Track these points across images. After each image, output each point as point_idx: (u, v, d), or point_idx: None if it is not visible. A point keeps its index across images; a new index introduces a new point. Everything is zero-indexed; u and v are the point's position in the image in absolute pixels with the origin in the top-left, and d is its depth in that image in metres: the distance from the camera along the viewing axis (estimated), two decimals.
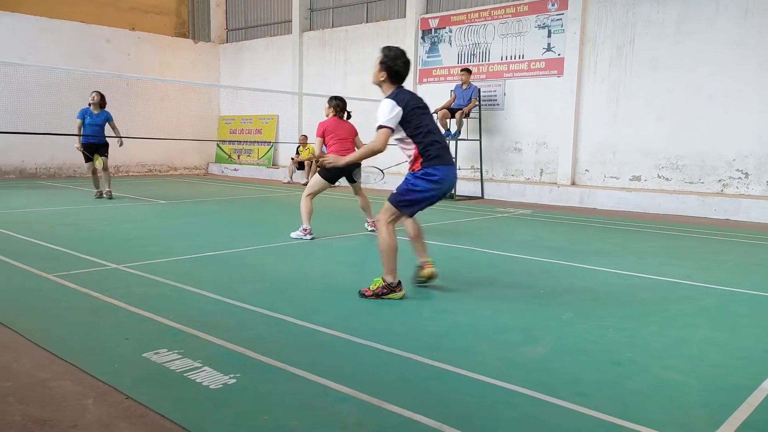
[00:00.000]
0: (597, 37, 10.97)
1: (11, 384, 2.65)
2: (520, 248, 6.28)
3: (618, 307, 4.22)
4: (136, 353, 3.01)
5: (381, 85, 4.35)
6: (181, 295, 4.17)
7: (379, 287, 4.25)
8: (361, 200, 7.26)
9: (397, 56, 4.25)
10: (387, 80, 4.30)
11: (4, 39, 13.56)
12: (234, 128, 17.82)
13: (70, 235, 6.42)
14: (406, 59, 4.29)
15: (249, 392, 2.61)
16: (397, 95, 4.22)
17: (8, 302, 3.92)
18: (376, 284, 4.28)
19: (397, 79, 4.29)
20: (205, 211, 9.11)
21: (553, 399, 2.59)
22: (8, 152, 13.96)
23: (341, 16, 15.36)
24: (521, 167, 12.11)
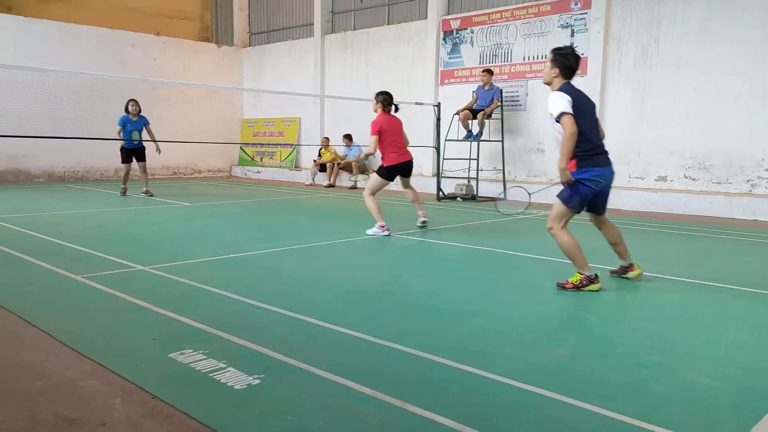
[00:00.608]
0: (621, 36, 10.83)
1: (42, 383, 2.72)
2: (544, 250, 6.23)
3: (644, 308, 4.17)
4: (163, 353, 3.06)
5: (552, 82, 4.64)
6: (205, 296, 4.22)
7: (579, 280, 4.51)
8: (411, 194, 7.45)
9: (568, 52, 4.62)
10: (559, 76, 4.60)
11: (33, 45, 13.87)
12: (257, 131, 17.98)
13: (97, 237, 6.55)
14: (576, 54, 4.65)
15: (272, 393, 2.64)
16: (566, 90, 4.52)
17: (38, 303, 4.01)
18: (576, 278, 4.54)
19: (569, 73, 4.61)
20: (227, 213, 9.21)
21: (577, 401, 2.57)
22: (37, 156, 14.27)
23: (363, 18, 15.40)
24: (544, 168, 12.01)
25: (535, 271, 5.42)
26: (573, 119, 4.37)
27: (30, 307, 3.86)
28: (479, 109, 11.49)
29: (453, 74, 13.31)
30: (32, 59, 13.46)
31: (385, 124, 6.93)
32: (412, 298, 4.37)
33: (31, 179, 14.25)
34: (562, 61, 4.58)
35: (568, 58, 4.60)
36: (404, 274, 5.19)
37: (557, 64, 4.59)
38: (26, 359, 3.02)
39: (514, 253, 6.09)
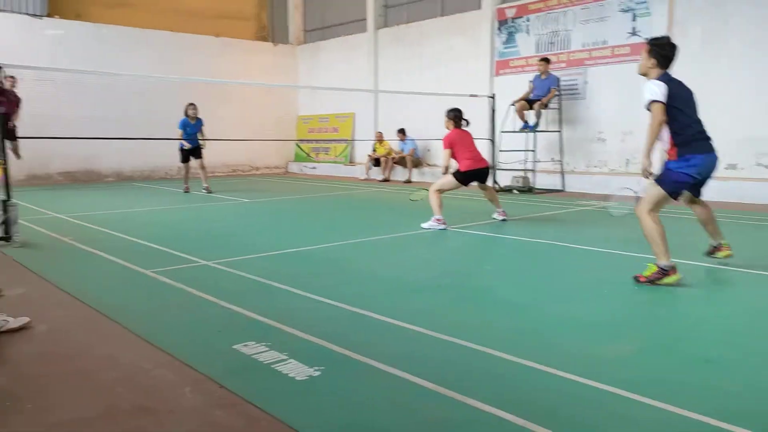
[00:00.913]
0: (686, 19, 10.37)
1: (117, 374, 2.86)
2: (605, 242, 6.07)
3: (711, 302, 4.01)
4: (228, 345, 3.17)
5: (648, 73, 4.65)
6: (266, 290, 4.33)
7: (652, 273, 4.39)
8: (487, 194, 7.59)
9: (665, 43, 4.63)
10: (655, 66, 4.60)
11: (101, 50, 14.50)
12: (312, 127, 18.24)
13: (163, 233, 6.81)
14: (673, 44, 4.62)
15: (333, 384, 2.69)
16: (663, 79, 4.52)
17: (112, 296, 4.21)
18: (650, 270, 4.42)
19: (665, 63, 4.60)
20: (285, 208, 9.40)
21: (641, 397, 2.50)
22: (107, 157, 14.95)
23: (415, 11, 15.34)
24: (605, 158, 11.67)
25: (596, 264, 5.29)
26: (663, 108, 4.40)
27: (105, 300, 4.07)
28: (536, 99, 11.27)
29: (508, 64, 13.09)
30: (101, 64, 14.08)
31: (456, 137, 7.18)
32: (471, 291, 4.35)
33: (101, 179, 14.94)
34: (659, 52, 4.57)
35: (665, 48, 4.59)
36: (462, 268, 5.17)
37: (654, 54, 4.58)
38: (103, 350, 3.19)
39: (573, 245, 5.96)
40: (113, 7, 15.56)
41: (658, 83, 4.47)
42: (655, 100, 4.43)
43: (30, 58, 12.62)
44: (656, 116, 4.43)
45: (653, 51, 4.60)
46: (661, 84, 4.45)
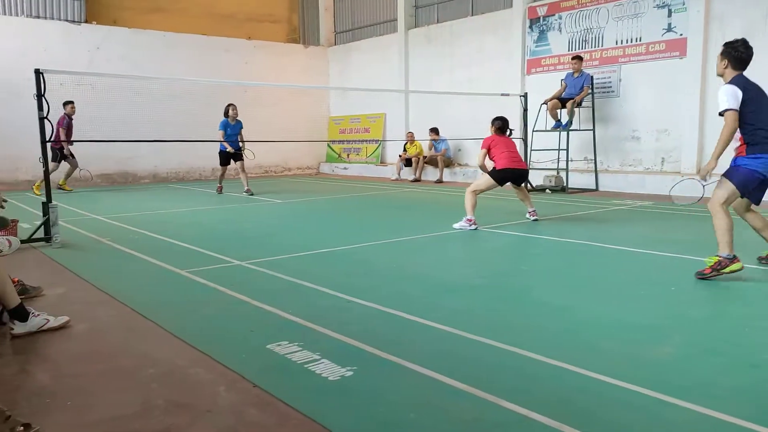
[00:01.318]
0: (724, 14, 10.09)
1: (154, 371, 2.91)
2: (642, 242, 5.94)
3: (755, 304, 3.88)
4: (261, 344, 3.19)
5: (723, 74, 4.73)
6: (298, 290, 4.36)
7: (716, 263, 4.47)
8: (519, 193, 7.60)
9: (737, 44, 4.68)
10: (729, 67, 4.68)
11: (137, 54, 14.81)
12: (343, 128, 18.32)
13: (197, 234, 6.92)
14: (747, 44, 4.66)
15: (365, 384, 2.69)
16: (737, 81, 4.59)
17: (148, 296, 4.29)
18: (713, 260, 4.49)
19: (738, 64, 4.66)
20: (317, 208, 9.46)
21: (682, 402, 2.44)
22: (144, 159, 15.27)
23: (446, 11, 15.28)
24: (639, 156, 11.43)
25: (634, 264, 5.18)
26: (736, 116, 4.48)
27: (142, 300, 4.14)
28: (568, 98, 11.10)
29: (540, 63, 12.93)
30: (137, 68, 14.40)
31: (495, 140, 7.30)
32: (504, 292, 4.30)
33: (138, 180, 15.26)
34: (730, 52, 4.65)
35: (736, 48, 4.64)
36: (495, 268, 5.12)
37: (726, 55, 4.68)
38: (140, 348, 3.25)
39: (608, 246, 5.85)
40: (148, 13, 15.89)
41: (733, 89, 4.53)
42: (729, 109, 4.50)
43: (69, 64, 13.00)
44: (729, 124, 4.51)
45: (725, 52, 4.69)
46: (736, 89, 4.52)
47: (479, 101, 13.42)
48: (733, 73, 4.67)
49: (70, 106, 12.25)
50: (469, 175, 13.86)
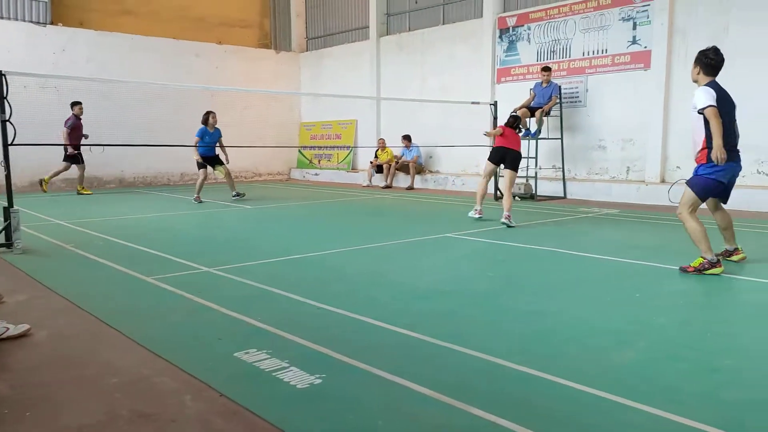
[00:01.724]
0: (687, 27, 10.39)
1: (117, 380, 2.85)
2: (608, 249, 6.06)
3: (716, 310, 3.99)
4: (229, 352, 3.16)
5: (697, 80, 5.07)
6: (268, 297, 4.32)
7: (701, 264, 4.89)
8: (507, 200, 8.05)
9: (709, 52, 5.02)
10: (701, 73, 5.03)
11: (104, 57, 14.56)
12: (314, 134, 18.27)
13: (165, 240, 6.81)
14: (717, 52, 5.01)
15: (334, 392, 2.68)
16: (711, 85, 4.93)
17: (112, 303, 4.21)
18: (697, 262, 4.91)
19: (710, 70, 5.00)
20: (288, 215, 9.40)
21: (646, 407, 2.49)
22: (109, 163, 14.95)
23: (418, 19, 15.40)
24: (606, 165, 11.67)
25: (600, 271, 5.27)
26: (716, 111, 4.76)
27: (106, 307, 4.06)
28: (537, 107, 11.28)
29: (510, 72, 13.12)
30: (104, 71, 14.14)
31: (506, 129, 8.21)
32: (473, 299, 4.33)
33: (103, 185, 14.96)
34: (701, 59, 5.00)
35: (707, 55, 4.99)
36: (465, 274, 5.16)
37: (698, 62, 5.03)
38: (103, 357, 3.18)
39: (575, 252, 5.95)
40: (116, 15, 15.64)
41: (709, 90, 4.85)
42: (709, 105, 4.79)
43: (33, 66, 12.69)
44: (714, 117, 4.77)
45: (697, 59, 5.03)
46: (711, 90, 4.84)
47: (450, 109, 13.55)
48: (706, 78, 4.99)
49: (78, 107, 12.18)
50: (439, 182, 13.96)
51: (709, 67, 5.00)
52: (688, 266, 4.95)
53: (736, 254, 5.33)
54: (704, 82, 4.99)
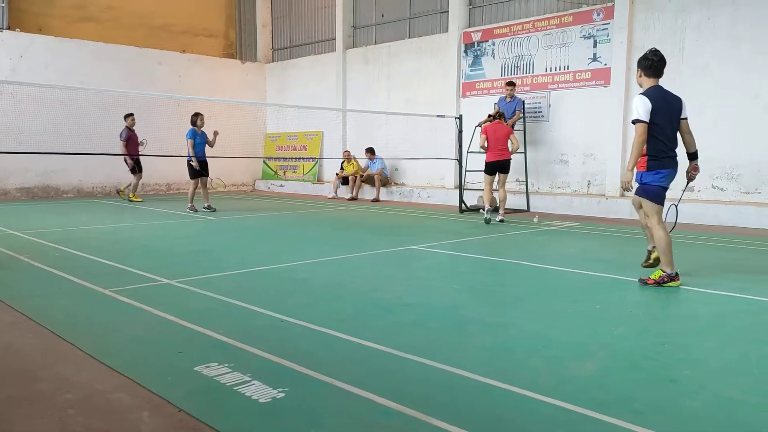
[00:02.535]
0: (645, 45, 10.69)
1: (72, 396, 2.75)
2: (569, 262, 6.16)
3: (673, 321, 4.09)
4: (189, 367, 3.09)
5: (641, 84, 5.05)
6: (230, 310, 4.25)
7: (660, 277, 4.99)
8: (501, 194, 9.54)
9: (648, 53, 5.00)
10: (643, 76, 5.01)
11: (63, 64, 14.23)
12: (280, 145, 18.16)
13: (124, 251, 6.65)
14: (656, 52, 4.98)
15: (297, 406, 2.64)
16: (649, 92, 4.91)
17: (68, 316, 4.08)
18: (657, 275, 5.02)
19: (651, 72, 4.97)
20: (252, 226, 9.29)
21: (606, 417, 2.52)
22: (67, 172, 14.58)
23: (384, 32, 15.51)
24: (568, 179, 11.91)
25: (560, 283, 5.35)
26: (645, 127, 4.81)
27: (61, 320, 3.93)
28: None
29: (474, 86, 13.30)
30: (63, 78, 13.81)
31: (490, 130, 9.39)
32: (437, 311, 4.34)
33: (60, 195, 14.55)
34: (642, 62, 5.00)
35: (647, 57, 4.97)
36: (428, 286, 5.17)
37: (639, 65, 5.03)
38: (57, 372, 3.07)
39: (537, 264, 6.03)
40: (77, 21, 15.32)
41: (644, 100, 4.82)
42: (638, 120, 4.82)
43: None
44: (639, 135, 4.84)
45: (639, 62, 5.04)
46: (647, 100, 4.81)
47: (416, 122, 13.65)
48: (649, 81, 4.98)
49: (131, 119, 12.34)
50: (405, 195, 14.02)
51: (649, 69, 4.97)
52: (648, 278, 5.05)
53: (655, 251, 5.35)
54: (648, 84, 4.97)
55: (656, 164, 4.94)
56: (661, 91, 4.95)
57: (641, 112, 4.81)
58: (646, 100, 4.81)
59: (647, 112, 4.80)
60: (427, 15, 14.46)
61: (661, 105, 4.85)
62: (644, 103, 4.81)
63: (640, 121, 4.82)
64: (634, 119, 4.86)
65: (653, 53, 4.96)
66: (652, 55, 4.95)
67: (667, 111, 4.90)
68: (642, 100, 4.83)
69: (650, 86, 4.95)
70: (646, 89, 4.94)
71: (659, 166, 4.94)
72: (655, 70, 4.96)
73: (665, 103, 4.90)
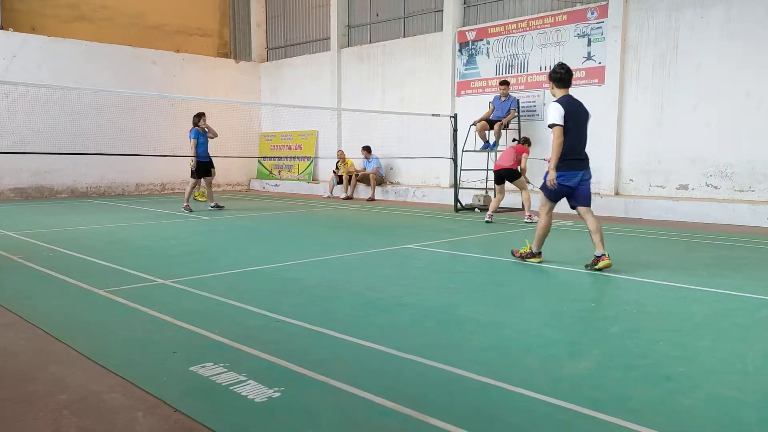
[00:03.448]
0: (639, 44, 10.77)
1: (66, 397, 2.74)
2: (564, 260, 6.17)
3: (668, 319, 4.10)
4: (184, 367, 3.08)
5: (555, 94, 5.61)
6: (225, 310, 4.24)
7: (526, 252, 5.91)
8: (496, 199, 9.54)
9: (556, 67, 5.58)
10: (555, 87, 5.59)
11: (57, 64, 14.17)
12: (275, 144, 18.13)
13: (119, 252, 6.63)
14: (563, 66, 5.57)
15: (293, 405, 2.63)
16: (561, 100, 5.49)
17: (62, 318, 4.06)
18: (525, 250, 5.92)
19: (561, 84, 5.55)
20: (247, 226, 9.28)
21: (602, 415, 2.53)
22: (62, 172, 14.53)
23: (379, 31, 15.51)
24: None
25: (555, 282, 5.37)
26: (561, 130, 5.35)
27: (55, 321, 3.91)
28: (496, 120, 11.47)
29: (469, 85, 13.31)
30: (57, 78, 13.76)
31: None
32: (432, 310, 4.35)
33: (54, 195, 14.50)
34: (552, 75, 5.57)
35: (556, 71, 5.53)
36: (424, 285, 5.17)
37: (550, 78, 5.60)
38: (52, 373, 3.05)
39: (533, 264, 6.03)
40: (71, 21, 15.26)
41: (557, 106, 5.40)
42: (555, 124, 5.37)
43: None
44: (557, 137, 5.39)
45: (549, 75, 5.60)
46: (560, 107, 5.38)
47: (410, 121, 13.65)
48: (560, 91, 5.55)
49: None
50: (400, 194, 14.02)
51: (559, 81, 5.52)
52: (516, 251, 5.97)
53: (602, 260, 5.44)
54: (559, 95, 5.52)
55: (562, 165, 5.47)
56: (571, 99, 5.52)
57: (556, 117, 5.36)
58: (559, 107, 5.38)
59: (561, 117, 5.35)
60: (421, 14, 14.46)
61: (571, 111, 5.41)
62: (558, 110, 5.37)
63: (556, 125, 5.35)
64: (550, 124, 5.39)
65: (561, 67, 5.52)
66: (560, 68, 5.51)
67: (577, 116, 5.46)
68: (556, 106, 5.40)
69: (562, 95, 5.52)
70: (559, 97, 5.50)
71: (564, 167, 5.47)
72: (564, 81, 5.52)
73: (575, 110, 5.47)
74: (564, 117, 5.36)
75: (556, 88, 5.55)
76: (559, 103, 5.41)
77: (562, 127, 5.35)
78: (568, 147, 5.41)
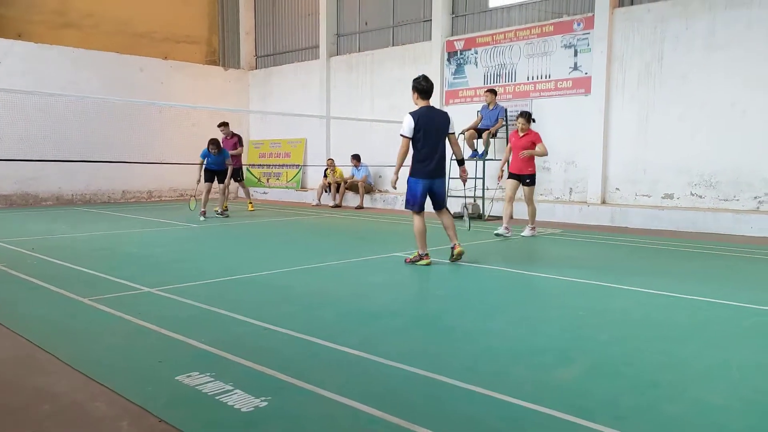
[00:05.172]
0: (624, 55, 10.89)
1: (49, 407, 2.70)
2: (551, 268, 6.19)
3: (654, 327, 4.12)
4: (169, 376, 3.04)
5: (416, 103, 5.99)
6: (212, 318, 4.21)
7: (415, 256, 6.22)
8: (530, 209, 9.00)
9: (418, 79, 5.99)
10: (417, 97, 5.99)
11: (43, 71, 14.07)
12: (263, 152, 18.09)
13: (104, 259, 6.56)
14: (426, 78, 5.99)
15: (280, 415, 2.61)
16: (417, 111, 5.92)
17: (46, 326, 4.00)
18: (413, 255, 6.24)
19: (422, 94, 5.95)
20: (235, 234, 9.23)
21: (589, 423, 2.53)
22: (47, 179, 14.38)
23: (367, 40, 15.56)
24: (550, 186, 12.00)
25: (544, 290, 5.38)
26: (407, 141, 5.92)
27: (38, 330, 3.86)
28: (484, 129, 11.53)
29: (457, 94, 13.38)
30: (42, 84, 13.64)
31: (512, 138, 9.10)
32: (421, 318, 4.34)
33: (39, 202, 14.34)
34: (415, 86, 5.97)
35: (419, 82, 5.97)
36: (412, 293, 5.17)
37: (413, 88, 6.01)
38: (34, 383, 3.01)
39: (521, 271, 6.06)
40: (57, 28, 15.16)
41: (409, 118, 5.85)
42: (402, 135, 5.92)
43: None
44: (402, 147, 5.95)
45: (412, 85, 5.99)
46: (411, 119, 5.83)
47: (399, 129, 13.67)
48: (422, 102, 5.96)
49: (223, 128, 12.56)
50: (389, 202, 14.03)
51: (422, 93, 5.94)
52: (407, 258, 6.27)
53: (455, 249, 6.23)
54: (421, 104, 5.95)
55: (415, 172, 6.02)
56: (429, 110, 5.93)
57: (405, 129, 5.87)
58: (410, 119, 5.84)
59: (410, 130, 5.84)
60: (410, 23, 14.53)
61: (425, 122, 5.82)
62: (408, 122, 5.85)
63: (404, 137, 5.89)
64: (400, 133, 5.90)
65: (424, 79, 5.92)
66: (424, 81, 5.92)
67: (431, 127, 5.87)
68: (407, 118, 5.86)
69: (422, 105, 5.92)
70: (418, 108, 5.91)
71: (416, 173, 6.02)
72: (425, 93, 5.92)
73: (429, 120, 5.86)
74: (414, 129, 5.80)
75: (419, 98, 5.92)
76: (411, 116, 5.83)
77: (409, 138, 5.85)
78: (423, 156, 5.91)
